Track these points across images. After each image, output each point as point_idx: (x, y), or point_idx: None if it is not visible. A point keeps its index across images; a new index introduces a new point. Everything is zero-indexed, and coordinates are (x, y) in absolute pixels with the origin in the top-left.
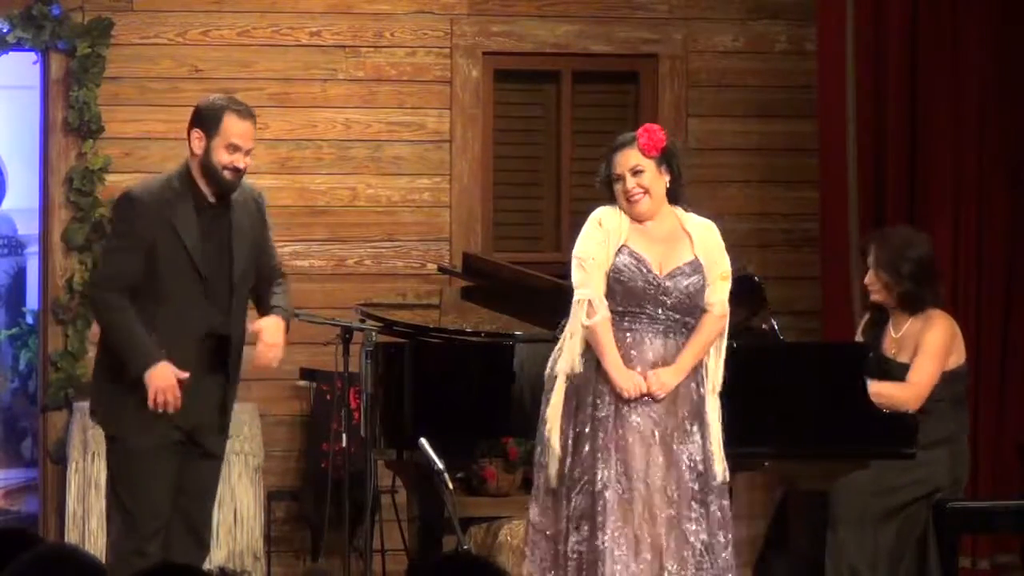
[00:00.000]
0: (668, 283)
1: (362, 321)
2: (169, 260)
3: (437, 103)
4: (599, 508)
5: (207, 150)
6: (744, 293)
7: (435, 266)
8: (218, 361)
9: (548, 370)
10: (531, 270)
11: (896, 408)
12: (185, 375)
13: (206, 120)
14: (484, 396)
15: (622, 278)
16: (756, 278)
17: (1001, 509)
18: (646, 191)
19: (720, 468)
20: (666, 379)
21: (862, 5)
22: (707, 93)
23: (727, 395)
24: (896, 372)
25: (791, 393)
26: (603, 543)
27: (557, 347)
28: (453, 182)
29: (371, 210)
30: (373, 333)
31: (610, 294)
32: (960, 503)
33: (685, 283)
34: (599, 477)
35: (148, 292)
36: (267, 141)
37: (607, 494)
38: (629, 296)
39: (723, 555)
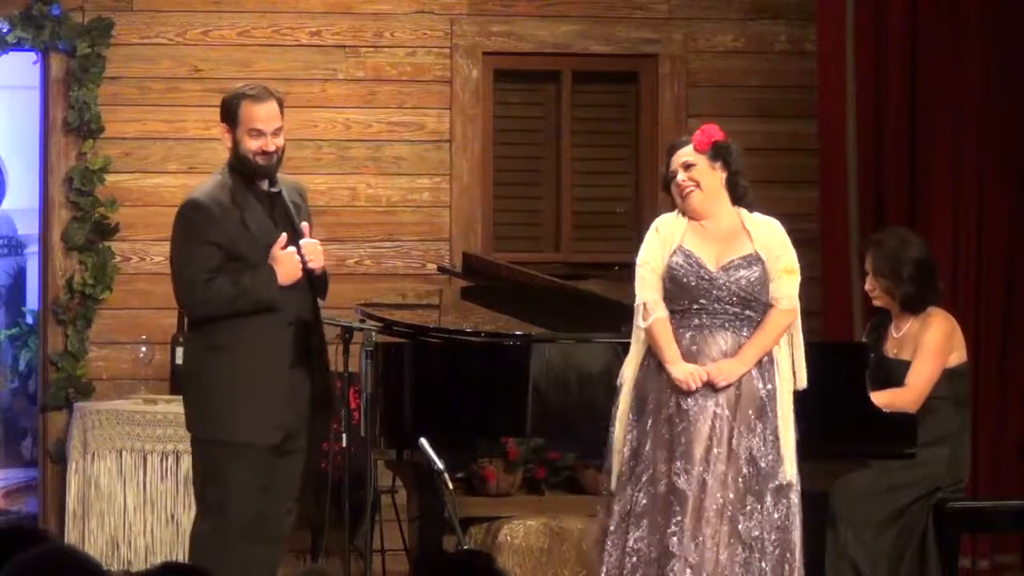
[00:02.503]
0: (721, 276)
1: (362, 321)
2: (249, 254)
3: (437, 103)
4: (663, 504)
5: (235, 142)
6: None
7: (435, 266)
8: (305, 348)
9: (618, 380)
10: (531, 270)
11: (898, 410)
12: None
13: (227, 113)
14: (484, 396)
15: (676, 276)
16: None
17: (1001, 509)
18: (697, 184)
19: (787, 467)
20: (728, 369)
21: (862, 5)
22: (707, 93)
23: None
24: (897, 370)
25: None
26: (667, 537)
27: (627, 356)
28: (453, 182)
29: (371, 210)
30: (373, 333)
31: (668, 294)
32: (960, 503)
33: (739, 275)
34: (663, 472)
35: None
36: None
37: (672, 489)
38: (684, 293)
39: (774, 554)
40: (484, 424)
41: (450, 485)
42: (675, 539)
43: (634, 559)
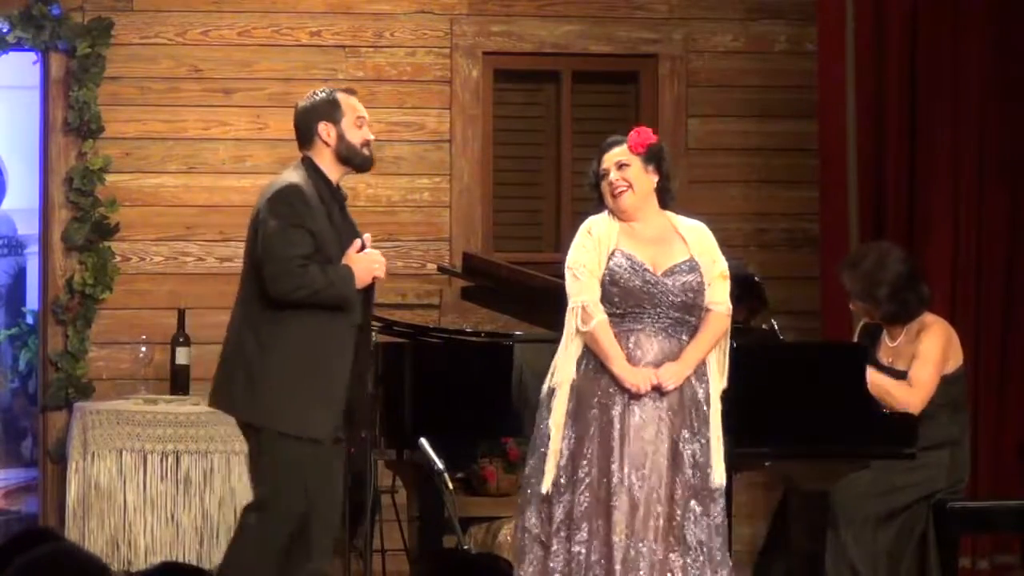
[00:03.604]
0: (667, 280)
1: None
2: (331, 250)
3: (437, 103)
4: (608, 506)
5: (340, 136)
6: (744, 293)
7: (435, 266)
8: (363, 352)
9: (546, 384)
10: (531, 270)
11: (891, 406)
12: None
13: (326, 111)
14: (484, 396)
15: (618, 279)
16: (756, 278)
17: (1001, 509)
18: (630, 185)
19: (719, 472)
20: (675, 372)
21: (862, 5)
22: (707, 93)
23: (727, 395)
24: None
25: (791, 393)
26: (613, 540)
27: (554, 361)
28: (453, 182)
29: (371, 210)
30: (373, 333)
31: (608, 297)
32: (960, 503)
33: (683, 280)
34: (608, 475)
35: None
36: (267, 141)
37: (615, 492)
38: (627, 296)
39: (717, 557)
40: (484, 424)
41: (450, 485)
42: (616, 541)
43: (577, 562)
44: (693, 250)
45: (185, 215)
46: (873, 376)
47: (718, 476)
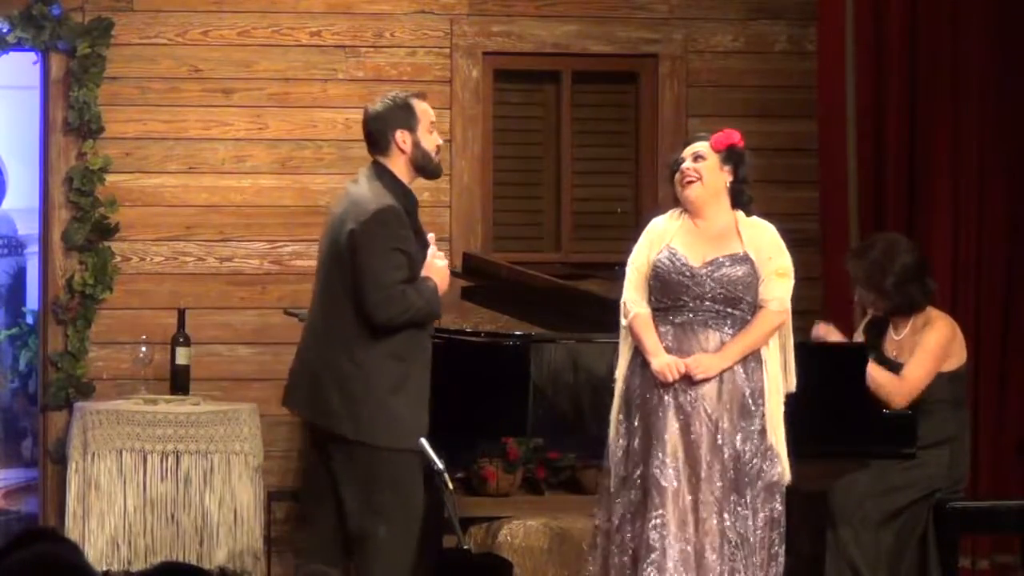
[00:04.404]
0: (703, 272)
1: None
2: (416, 265)
3: (437, 103)
4: (647, 497)
5: (416, 144)
6: None
7: None
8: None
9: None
10: (531, 270)
11: (882, 398)
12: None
13: (401, 117)
14: (484, 396)
15: (660, 274)
16: None
17: (1001, 509)
18: (700, 177)
19: (779, 465)
20: (707, 363)
21: (862, 5)
22: (707, 93)
23: None
24: (898, 372)
25: (791, 393)
26: (647, 531)
27: (619, 359)
28: (453, 182)
29: None
30: None
31: (653, 292)
32: (960, 503)
33: (722, 272)
34: (648, 467)
35: None
36: (267, 141)
37: (654, 483)
38: (668, 290)
39: (760, 552)
40: (484, 424)
41: (450, 485)
42: (655, 533)
43: (628, 556)
44: (747, 245)
45: (185, 215)
46: (870, 368)
47: (778, 470)
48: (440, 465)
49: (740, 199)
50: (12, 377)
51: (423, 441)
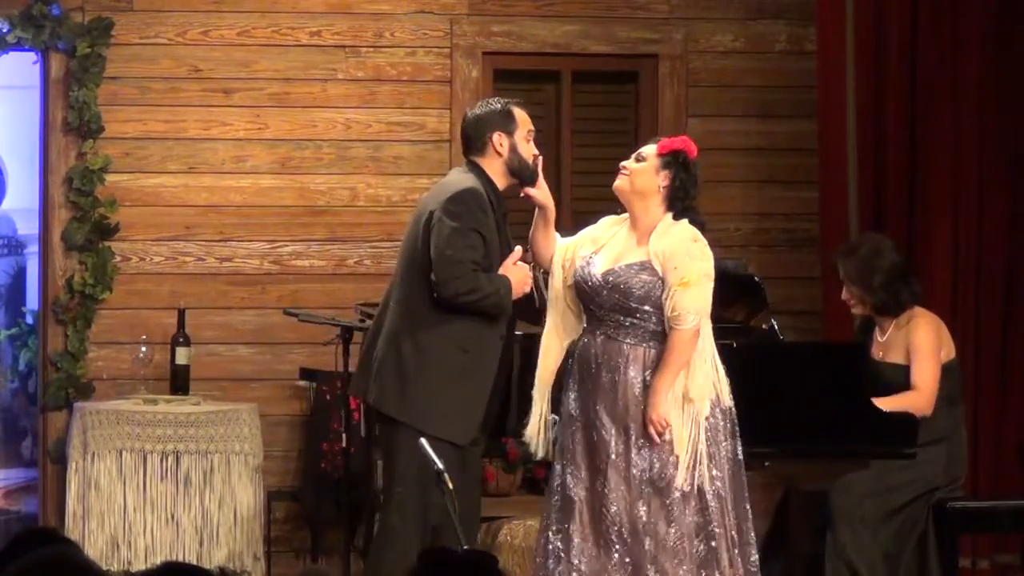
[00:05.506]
0: (599, 281)
1: (362, 321)
2: (494, 258)
3: (437, 103)
4: (561, 505)
5: (512, 148)
6: (744, 293)
7: None
8: (506, 361)
9: None
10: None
11: (917, 414)
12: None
13: (501, 122)
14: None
15: (576, 283)
16: (756, 278)
17: (1001, 509)
18: (628, 174)
19: (681, 476)
20: (656, 415)
21: (862, 5)
22: (707, 93)
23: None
24: (886, 373)
25: (791, 393)
26: (568, 536)
27: None
28: None
29: (371, 210)
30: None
31: (574, 297)
32: (960, 503)
33: (615, 280)
34: (560, 476)
35: None
36: (267, 141)
37: (567, 492)
38: (581, 297)
39: (688, 563)
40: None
41: (450, 485)
42: (559, 543)
43: (552, 558)
44: (652, 253)
45: (185, 215)
46: (880, 404)
47: (680, 479)
48: (440, 465)
49: (674, 205)
50: (12, 377)
51: (423, 441)
